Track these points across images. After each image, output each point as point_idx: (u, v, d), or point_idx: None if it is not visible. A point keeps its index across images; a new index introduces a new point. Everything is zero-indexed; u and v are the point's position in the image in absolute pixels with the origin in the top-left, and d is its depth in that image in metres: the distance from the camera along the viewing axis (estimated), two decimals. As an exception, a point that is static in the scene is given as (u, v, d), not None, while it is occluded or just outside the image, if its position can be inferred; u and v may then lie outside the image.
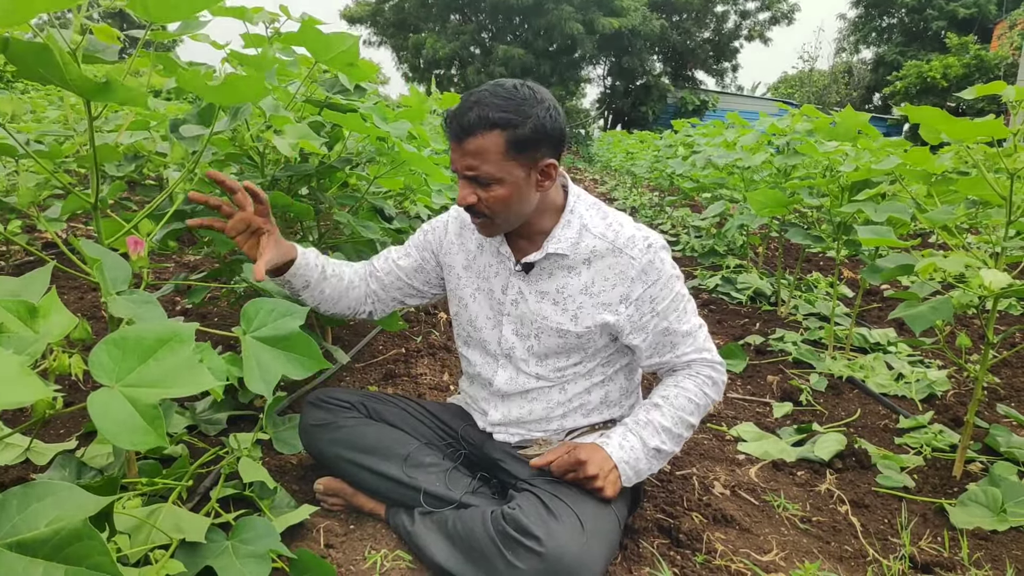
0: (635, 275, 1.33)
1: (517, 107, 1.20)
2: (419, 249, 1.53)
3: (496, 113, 1.19)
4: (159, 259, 3.52)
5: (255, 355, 0.96)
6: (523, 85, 1.24)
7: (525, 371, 1.44)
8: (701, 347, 1.41)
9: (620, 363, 1.47)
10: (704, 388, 1.40)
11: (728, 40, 27.33)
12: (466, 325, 1.51)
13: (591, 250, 1.35)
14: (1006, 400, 2.36)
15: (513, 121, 1.20)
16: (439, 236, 1.52)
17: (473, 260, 1.47)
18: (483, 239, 1.45)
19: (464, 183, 1.27)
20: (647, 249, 1.33)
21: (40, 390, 0.59)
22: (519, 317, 1.41)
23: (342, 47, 1.39)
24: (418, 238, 1.55)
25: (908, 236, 2.46)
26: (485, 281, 1.45)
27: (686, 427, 1.38)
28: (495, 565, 1.18)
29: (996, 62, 19.09)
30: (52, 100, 3.97)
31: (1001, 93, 1.49)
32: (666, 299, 1.35)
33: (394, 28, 25.48)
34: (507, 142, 1.21)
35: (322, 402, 1.52)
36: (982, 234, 1.79)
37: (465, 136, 1.21)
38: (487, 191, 1.25)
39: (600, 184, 12.07)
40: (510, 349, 1.44)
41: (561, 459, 1.31)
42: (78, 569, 0.63)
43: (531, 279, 1.39)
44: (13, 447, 1.55)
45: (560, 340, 1.39)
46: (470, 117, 1.20)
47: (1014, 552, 1.45)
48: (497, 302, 1.43)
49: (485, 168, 1.22)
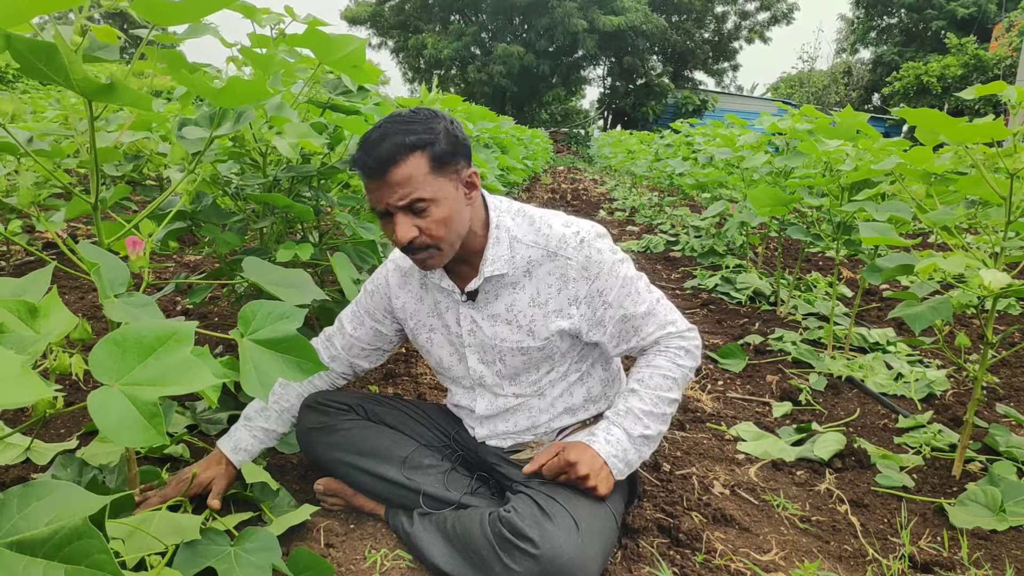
0: (575, 275, 1.31)
1: (424, 126, 1.19)
2: (370, 314, 1.51)
3: (409, 137, 1.17)
4: (159, 259, 3.52)
5: (252, 358, 0.96)
6: (415, 110, 1.23)
7: (501, 394, 1.44)
8: (664, 321, 1.39)
9: (592, 357, 1.47)
10: (677, 360, 1.38)
11: (728, 40, 27.36)
12: (436, 367, 1.52)
13: (527, 260, 1.33)
14: (1005, 400, 2.36)
15: (427, 139, 1.18)
16: (384, 293, 1.49)
17: (421, 302, 1.45)
18: (425, 279, 1.42)
19: (400, 219, 1.21)
20: (580, 245, 1.31)
21: (40, 390, 0.59)
22: (479, 345, 1.40)
23: (347, 49, 1.40)
24: (365, 302, 1.52)
25: (908, 236, 2.46)
26: (439, 319, 1.44)
27: (668, 403, 1.37)
28: (492, 568, 1.18)
29: (995, 62, 19.09)
30: (50, 99, 3.97)
31: (1001, 93, 1.49)
32: (614, 288, 1.33)
33: (395, 29, 25.49)
34: (429, 161, 1.18)
35: (319, 405, 1.52)
36: (981, 234, 1.79)
37: (386, 168, 1.17)
38: (425, 218, 1.20)
39: (600, 184, 12.08)
40: (480, 378, 1.43)
41: (551, 462, 1.31)
42: (78, 568, 0.63)
43: (479, 306, 1.37)
44: (13, 447, 1.55)
45: (524, 357, 1.38)
46: (385, 147, 1.17)
47: (1014, 552, 1.45)
48: (456, 336, 1.42)
49: (418, 193, 1.18)
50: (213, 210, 1.69)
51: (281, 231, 1.86)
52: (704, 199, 5.23)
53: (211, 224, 1.69)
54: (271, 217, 1.75)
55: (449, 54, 22.62)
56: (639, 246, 5.29)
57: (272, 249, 1.70)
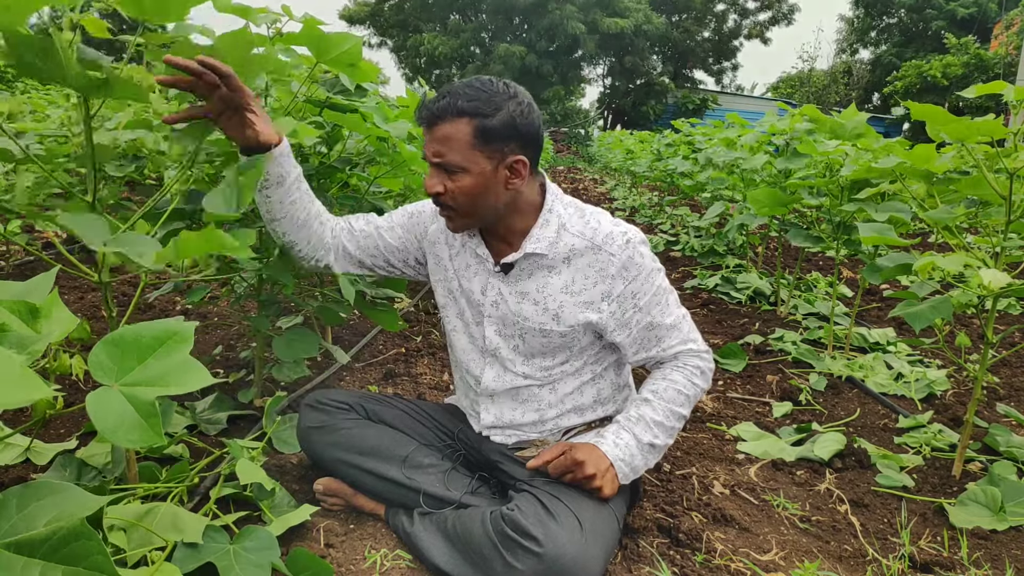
0: (615, 272, 1.33)
1: (488, 98, 1.21)
2: (404, 230, 1.50)
3: (464, 102, 1.20)
4: (159, 259, 3.51)
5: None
6: (501, 81, 1.25)
7: (512, 370, 1.43)
8: (686, 338, 1.41)
9: (608, 360, 1.47)
10: (692, 379, 1.40)
11: (728, 40, 27.37)
12: (454, 318, 1.50)
13: (570, 248, 1.34)
14: (1005, 399, 2.36)
15: (481, 110, 1.20)
16: (425, 223, 1.49)
17: (455, 256, 1.45)
18: (466, 239, 1.43)
19: (432, 171, 1.27)
20: (626, 245, 1.33)
21: (40, 390, 0.59)
22: (500, 318, 1.40)
23: (343, 47, 1.39)
24: (402, 219, 1.50)
25: (908, 236, 2.46)
26: (466, 281, 1.44)
27: (677, 419, 1.38)
28: (494, 566, 1.18)
29: (995, 61, 19.09)
30: (52, 100, 3.97)
31: (1001, 93, 1.49)
32: (648, 294, 1.35)
33: (394, 28, 25.49)
34: (474, 131, 1.21)
35: (319, 404, 1.52)
36: (982, 234, 1.79)
37: (434, 122, 1.23)
38: (453, 180, 1.24)
39: (600, 184, 12.08)
40: (495, 349, 1.43)
41: (558, 460, 1.31)
42: (76, 569, 0.63)
43: (510, 280, 1.38)
44: (13, 447, 1.55)
45: (544, 340, 1.38)
46: (440, 104, 1.22)
47: (1013, 551, 1.45)
48: (477, 303, 1.42)
49: (451, 156, 1.22)
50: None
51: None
52: (704, 199, 5.23)
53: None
54: (271, 217, 1.75)
55: (448, 53, 22.63)
56: (639, 246, 5.27)
57: (271, 249, 1.70)
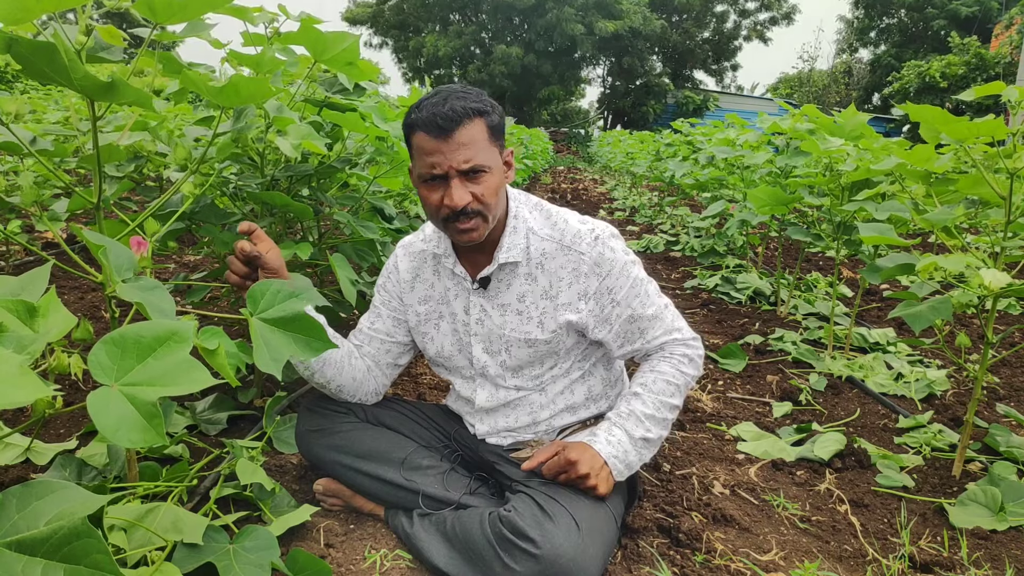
0: (587, 270, 1.33)
1: (479, 96, 1.23)
2: (385, 305, 1.51)
3: (473, 102, 1.20)
4: (159, 259, 3.51)
5: (263, 336, 0.96)
6: (462, 85, 1.27)
7: (503, 386, 1.44)
8: (670, 327, 1.41)
9: (595, 356, 1.47)
10: (681, 367, 1.39)
11: (728, 40, 27.37)
12: (436, 357, 1.51)
13: (541, 253, 1.34)
14: (1005, 400, 2.36)
15: (486, 108, 1.22)
16: (395, 281, 1.49)
17: (432, 289, 1.45)
18: (437, 265, 1.43)
19: (455, 184, 1.21)
20: (595, 242, 1.33)
21: (40, 390, 0.59)
22: (486, 335, 1.40)
23: (341, 46, 1.39)
24: (379, 296, 1.52)
25: (908, 235, 2.46)
26: (447, 306, 1.44)
27: (669, 409, 1.38)
28: (492, 567, 1.18)
29: (996, 60, 19.07)
30: (53, 99, 3.97)
31: (1000, 93, 1.49)
32: (623, 287, 1.35)
33: (395, 29, 25.50)
34: (487, 128, 1.22)
35: (318, 407, 1.52)
36: (982, 234, 1.79)
37: (454, 127, 1.18)
38: (478, 184, 1.22)
39: (600, 184, 12.07)
40: (483, 368, 1.43)
41: (551, 461, 1.31)
42: (77, 568, 0.63)
43: (490, 294, 1.38)
44: (13, 447, 1.55)
45: (530, 350, 1.38)
46: (454, 107, 1.18)
47: (1013, 552, 1.45)
48: (462, 324, 1.42)
49: (480, 158, 1.21)
50: (212, 210, 1.69)
51: (280, 231, 1.86)
52: (704, 199, 5.23)
53: (210, 224, 1.69)
54: (270, 217, 1.75)
55: (449, 53, 22.64)
56: (639, 246, 5.28)
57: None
